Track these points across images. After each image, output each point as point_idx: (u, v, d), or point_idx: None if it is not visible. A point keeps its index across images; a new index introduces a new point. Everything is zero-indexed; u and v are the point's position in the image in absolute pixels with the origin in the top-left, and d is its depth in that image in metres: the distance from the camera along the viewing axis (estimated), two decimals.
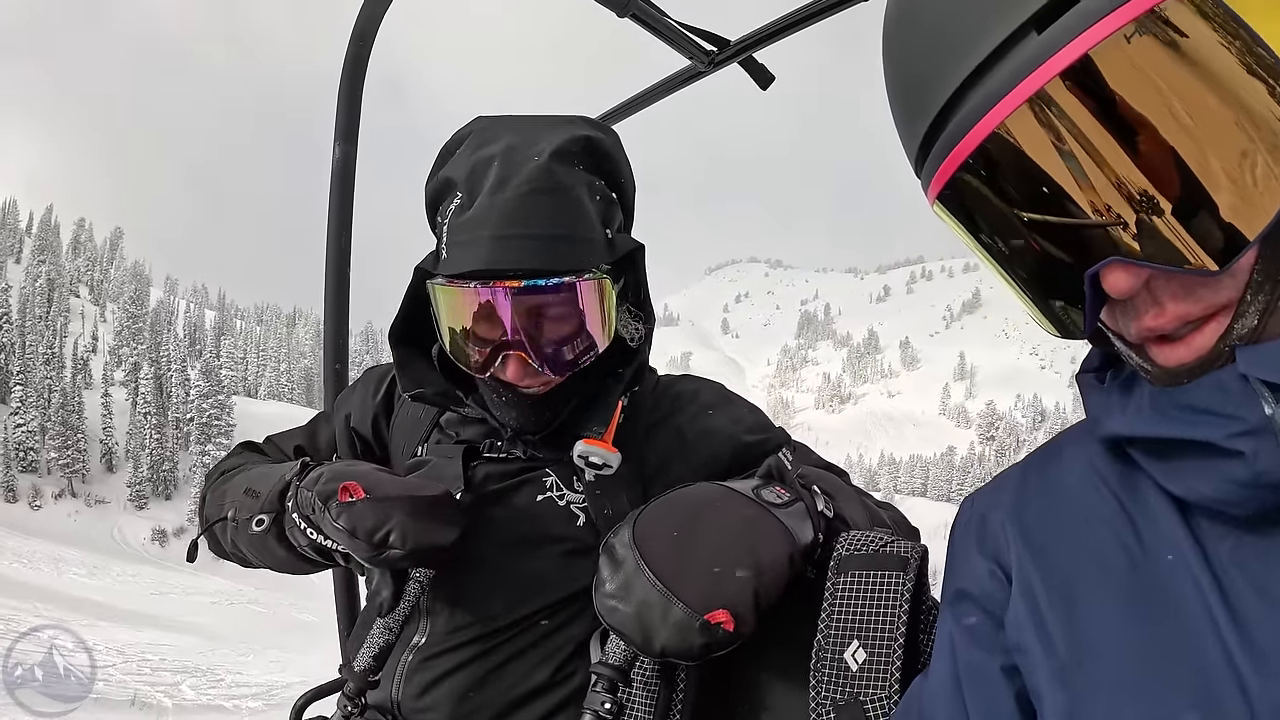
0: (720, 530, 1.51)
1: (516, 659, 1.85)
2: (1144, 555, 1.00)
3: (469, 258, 1.70)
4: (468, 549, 1.82)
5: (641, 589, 1.46)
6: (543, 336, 1.77)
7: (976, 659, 1.15)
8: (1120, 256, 0.87)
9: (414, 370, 1.96)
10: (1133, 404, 1.01)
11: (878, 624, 1.49)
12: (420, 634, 1.90)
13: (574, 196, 1.75)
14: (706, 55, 3.04)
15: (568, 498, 1.90)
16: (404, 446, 2.13)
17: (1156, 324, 0.92)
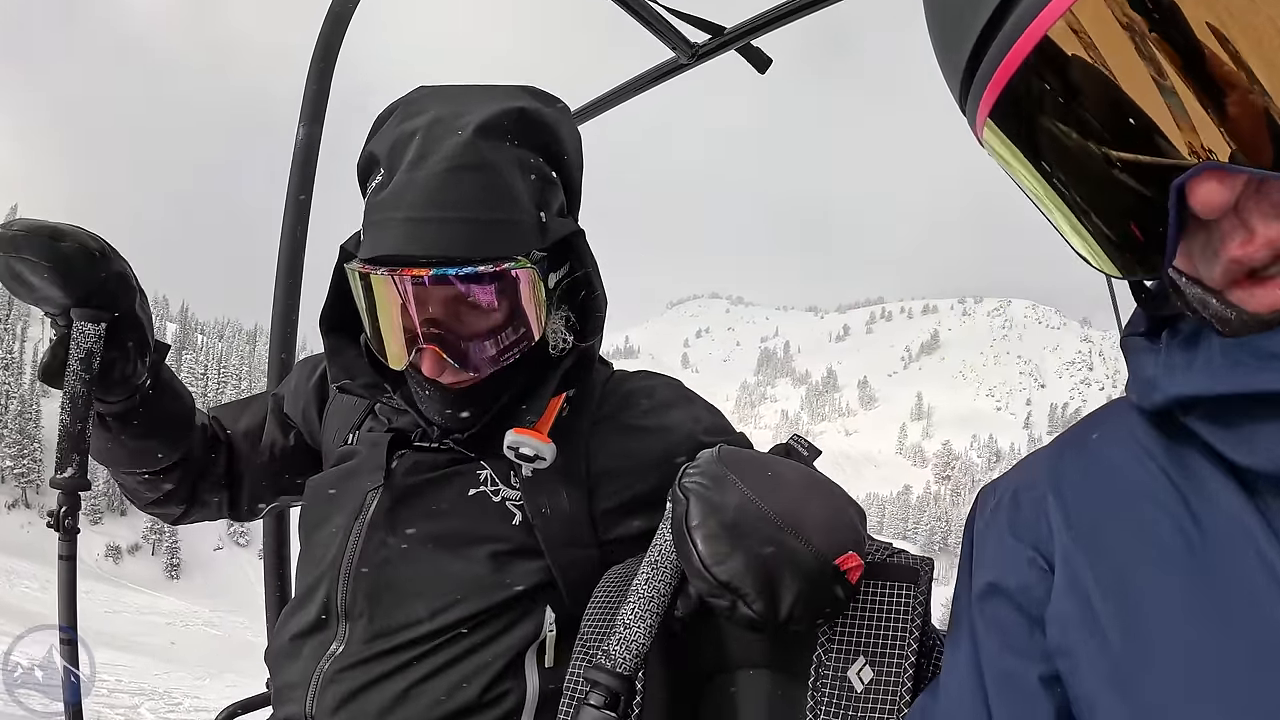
0: (808, 476, 1.36)
1: (442, 672, 1.66)
2: (1202, 539, 0.87)
3: (380, 241, 1.57)
4: (388, 545, 1.72)
5: (764, 528, 1.25)
6: (460, 330, 1.64)
7: (1010, 667, 1.01)
8: (1215, 163, 0.74)
9: (343, 359, 1.81)
10: (1199, 360, 0.88)
11: (887, 640, 1.34)
12: (339, 640, 1.72)
13: (500, 175, 1.59)
14: (690, 48, 2.93)
15: (502, 493, 1.74)
16: (336, 434, 2.02)
17: (1245, 252, 0.79)
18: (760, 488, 1.27)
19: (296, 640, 1.77)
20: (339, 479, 1.86)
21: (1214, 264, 0.82)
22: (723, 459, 1.33)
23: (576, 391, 1.82)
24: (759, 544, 1.23)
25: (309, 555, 1.83)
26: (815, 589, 1.24)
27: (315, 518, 1.85)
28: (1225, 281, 0.82)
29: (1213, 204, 0.76)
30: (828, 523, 1.27)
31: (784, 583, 1.23)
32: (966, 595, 1.11)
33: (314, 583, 1.77)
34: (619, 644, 1.37)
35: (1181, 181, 0.76)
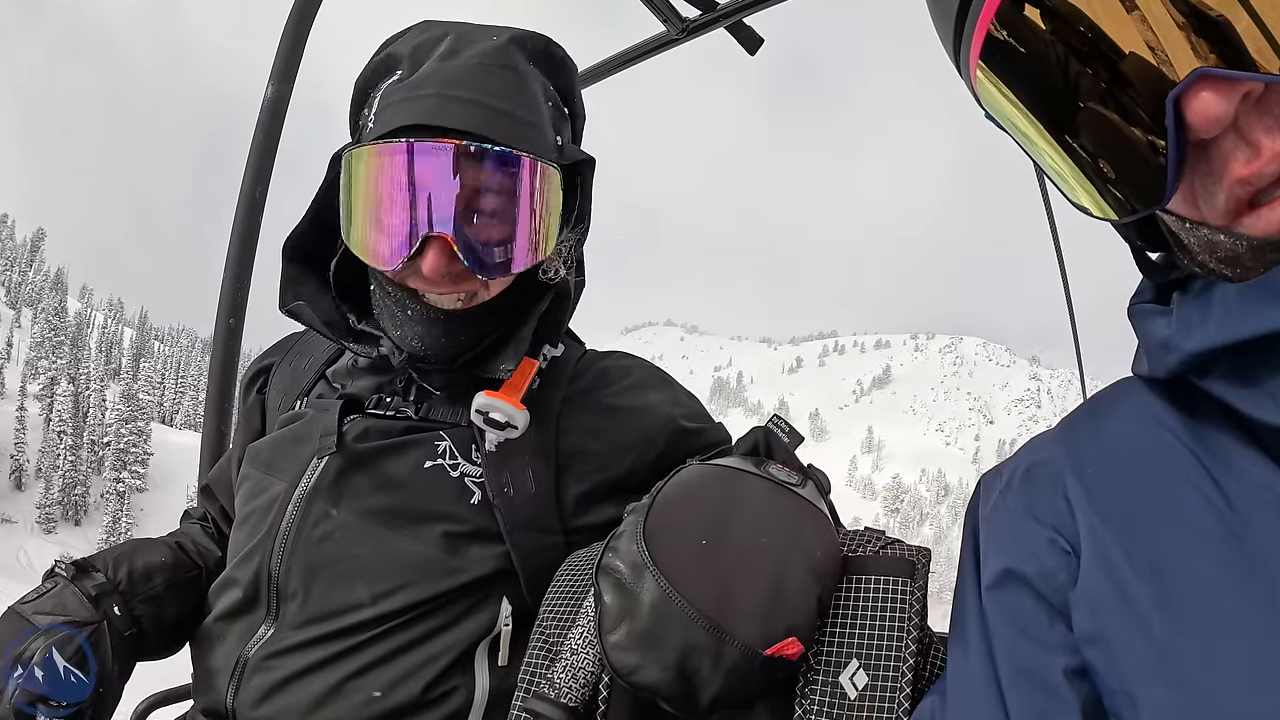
0: (760, 528, 1.22)
1: (381, 665, 1.50)
2: (1235, 514, 0.82)
3: (404, 113, 1.44)
4: (331, 518, 1.57)
5: (680, 631, 1.14)
6: (475, 222, 1.47)
7: (1030, 659, 0.93)
8: (1209, 68, 0.72)
9: (301, 290, 1.65)
10: (1215, 310, 0.83)
11: (882, 641, 1.22)
12: (268, 623, 1.57)
13: (529, 83, 1.53)
14: (681, 22, 2.83)
15: (462, 468, 1.59)
16: (281, 402, 1.86)
17: (1251, 169, 0.75)
18: (684, 574, 1.16)
19: (222, 621, 1.62)
20: (281, 444, 1.71)
21: (1218, 193, 0.79)
22: (648, 533, 1.20)
23: (549, 364, 1.70)
24: (673, 650, 1.14)
25: (243, 526, 1.67)
26: (741, 682, 1.14)
27: (252, 486, 1.69)
28: (1230, 212, 0.80)
29: (1211, 115, 0.73)
30: (761, 608, 1.15)
31: (703, 680, 1.14)
32: (974, 588, 1.03)
33: (245, 556, 1.61)
34: (566, 672, 1.28)
35: (1176, 93, 0.73)
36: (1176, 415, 0.91)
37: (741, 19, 2.79)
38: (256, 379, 1.95)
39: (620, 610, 1.18)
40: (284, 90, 2.88)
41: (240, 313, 2.85)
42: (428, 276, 1.47)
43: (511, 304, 1.61)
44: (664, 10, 2.81)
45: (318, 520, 1.56)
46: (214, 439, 2.76)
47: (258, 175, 2.87)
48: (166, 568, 1.75)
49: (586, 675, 1.27)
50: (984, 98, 0.93)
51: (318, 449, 1.61)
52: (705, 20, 2.81)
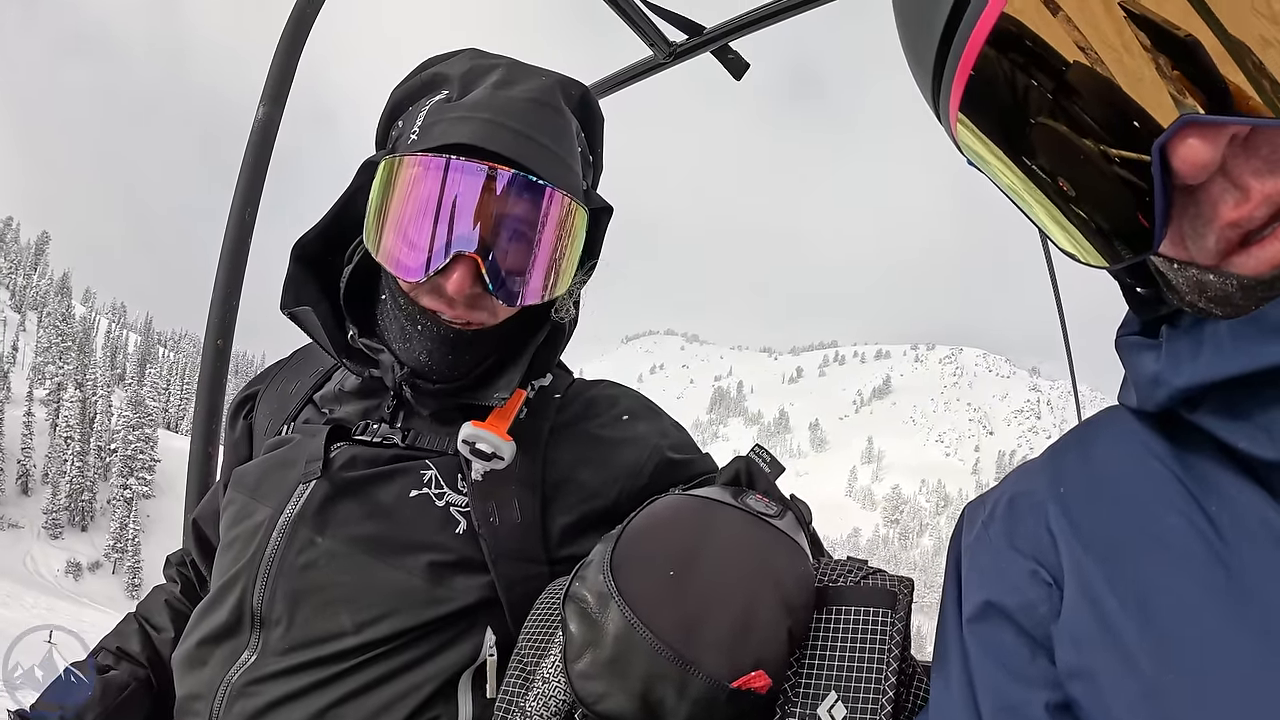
0: (730, 559, 1.21)
1: (364, 694, 1.50)
2: (1225, 545, 0.81)
3: (458, 131, 1.47)
4: (316, 545, 1.57)
5: (644, 661, 1.14)
6: (505, 248, 1.51)
7: (1011, 695, 0.91)
8: (1194, 114, 0.71)
9: (303, 293, 1.66)
10: (1206, 345, 0.82)
11: (862, 673, 1.20)
12: (251, 649, 1.56)
13: (570, 127, 1.59)
14: (668, 46, 2.88)
15: (447, 498, 1.60)
16: (267, 427, 1.87)
17: (1242, 213, 0.75)
18: (650, 604, 1.15)
19: (205, 645, 1.61)
20: (267, 469, 1.71)
21: (1207, 236, 0.78)
22: (614, 564, 1.20)
23: (537, 394, 1.72)
24: (637, 680, 1.13)
25: (228, 551, 1.66)
26: (706, 714, 1.13)
27: (237, 511, 1.70)
28: (1220, 253, 0.79)
29: (1199, 162, 0.72)
30: (728, 639, 1.14)
31: (669, 711, 1.13)
32: (956, 620, 1.02)
33: (229, 582, 1.61)
34: (537, 699, 1.29)
35: (1162, 141, 0.73)
36: (1165, 445, 0.90)
37: (728, 44, 2.87)
38: (243, 406, 1.97)
39: (585, 639, 1.17)
40: (274, 112, 2.91)
41: (229, 334, 2.84)
42: (451, 294, 1.49)
43: (511, 333, 1.63)
44: (651, 35, 2.86)
45: (302, 547, 1.56)
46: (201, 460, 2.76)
47: (247, 196, 2.88)
48: (94, 704, 1.71)
49: (558, 704, 1.26)
50: (965, 146, 0.93)
51: (303, 474, 1.61)
52: (692, 45, 2.87)
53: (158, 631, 1.89)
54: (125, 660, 1.82)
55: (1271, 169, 0.73)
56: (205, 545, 1.94)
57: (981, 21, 0.80)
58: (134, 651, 1.84)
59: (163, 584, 2.03)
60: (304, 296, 1.65)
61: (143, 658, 1.84)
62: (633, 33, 2.96)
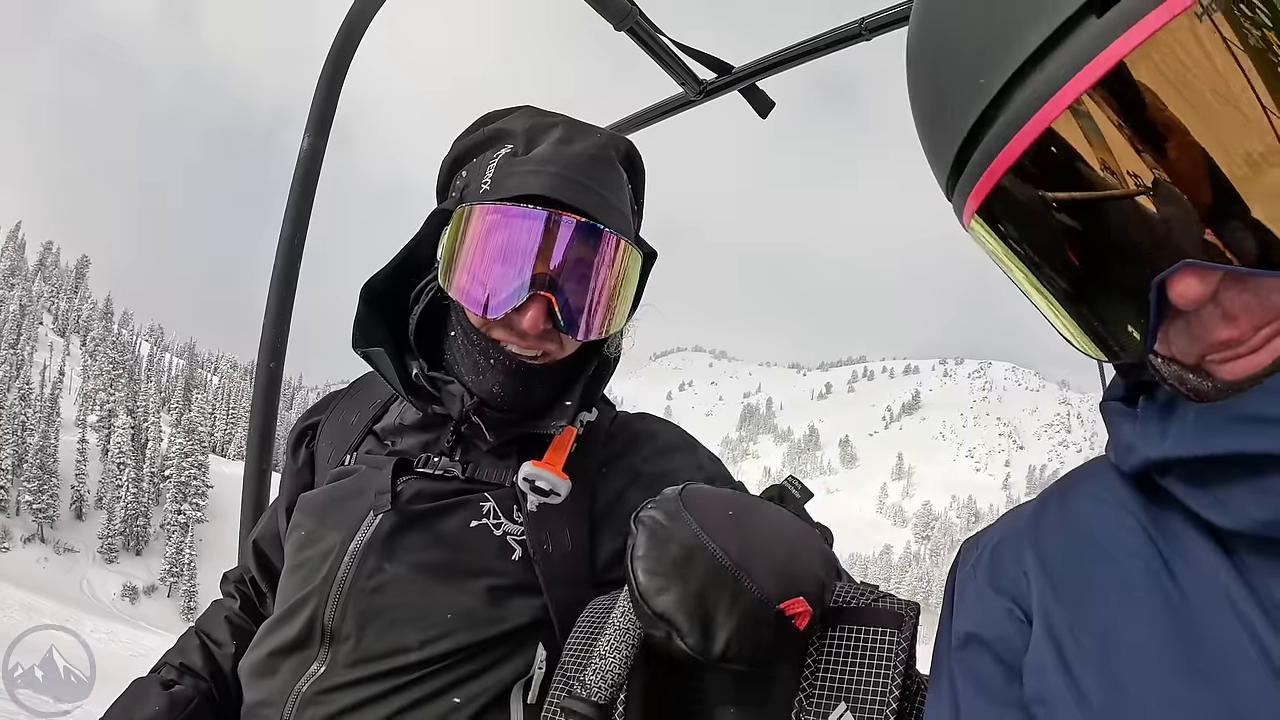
0: (778, 519, 1.33)
1: (425, 704, 1.63)
2: (1181, 595, 0.90)
3: (532, 183, 1.62)
4: (384, 570, 1.69)
5: (705, 568, 1.22)
6: (575, 288, 1.66)
7: (988, 716, 1.02)
8: (1193, 260, 0.79)
9: (373, 334, 1.81)
10: (1174, 425, 0.91)
11: (869, 687, 1.31)
12: (320, 661, 1.68)
13: (622, 180, 1.76)
14: (698, 84, 2.98)
15: (505, 528, 1.72)
16: (330, 456, 1.99)
17: (1231, 335, 0.83)
18: (714, 526, 1.25)
19: (275, 657, 1.73)
20: (335, 498, 1.83)
21: (1194, 346, 0.87)
22: (683, 496, 1.32)
23: (585, 430, 1.84)
24: (699, 580, 1.22)
25: (296, 572, 1.79)
26: (754, 629, 1.22)
27: (305, 536, 1.82)
28: (1201, 358, 0.88)
29: (1192, 296, 0.80)
30: (781, 568, 1.24)
31: (719, 620, 1.21)
32: (946, 645, 1.13)
33: (301, 600, 1.72)
34: (595, 673, 1.36)
35: (1162, 278, 0.81)
36: (1139, 501, 0.99)
37: (754, 83, 2.95)
38: (304, 436, 2.09)
39: (653, 543, 1.26)
40: (319, 142, 2.99)
41: (280, 356, 2.93)
42: (525, 329, 1.63)
43: (567, 368, 1.78)
44: (682, 74, 2.94)
45: (372, 572, 1.68)
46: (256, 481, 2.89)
47: (296, 223, 2.97)
48: (161, 718, 1.79)
49: (614, 677, 1.35)
50: (974, 236, 0.99)
51: (373, 505, 1.73)
52: (721, 84, 2.95)
53: (218, 646, 1.99)
54: (189, 675, 1.92)
55: (1258, 303, 0.82)
56: (266, 564, 2.08)
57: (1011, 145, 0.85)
58: (196, 666, 1.94)
59: (221, 600, 2.14)
60: (374, 336, 1.79)
61: (205, 672, 1.93)
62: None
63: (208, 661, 1.95)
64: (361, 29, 3.02)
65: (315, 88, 3.03)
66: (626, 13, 2.66)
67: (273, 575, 2.00)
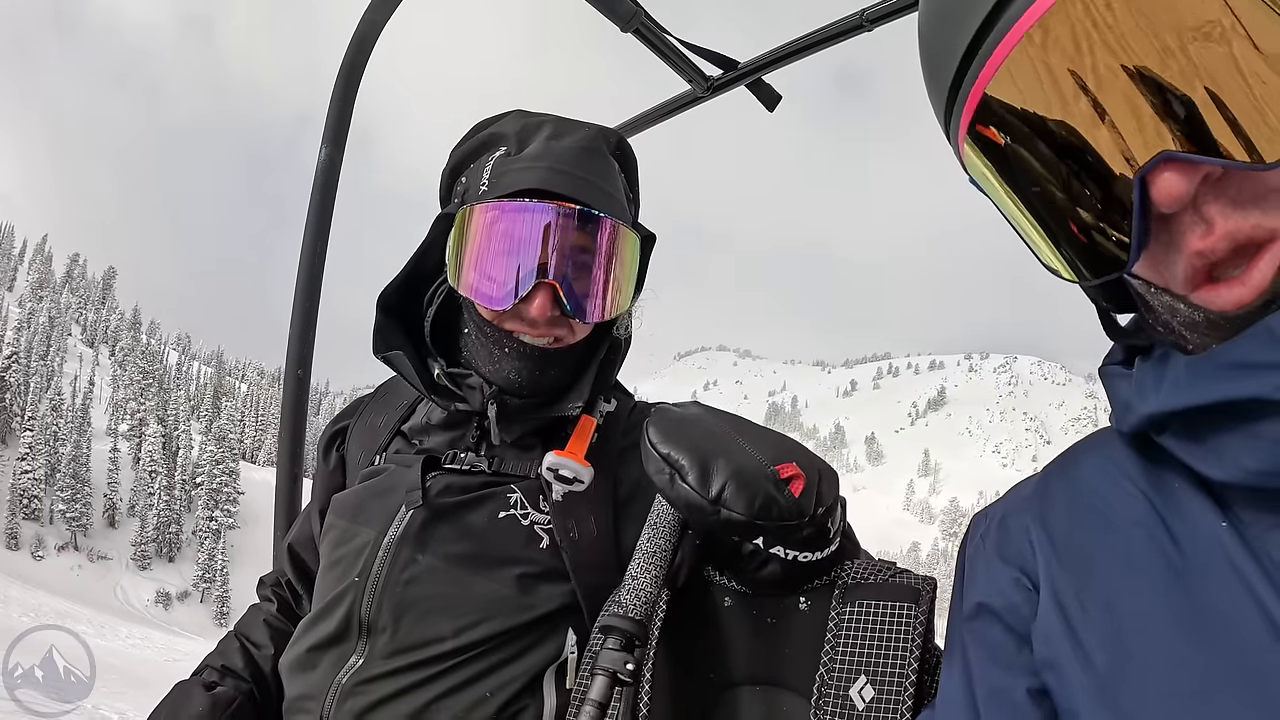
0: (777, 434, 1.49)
1: (461, 690, 1.68)
2: (1182, 557, 0.92)
3: (525, 179, 1.69)
4: (417, 563, 1.75)
5: (707, 426, 1.41)
6: (577, 274, 1.73)
7: (998, 681, 1.05)
8: (1172, 151, 0.80)
9: (391, 339, 1.87)
10: (1167, 378, 0.93)
11: (888, 659, 1.37)
12: (358, 654, 1.73)
13: (614, 170, 1.83)
14: (705, 80, 3.01)
15: (531, 517, 1.77)
16: (360, 458, 2.06)
17: (1205, 244, 0.84)
18: (720, 415, 1.47)
19: (314, 652, 1.79)
20: (367, 497, 1.89)
21: (1177, 262, 0.87)
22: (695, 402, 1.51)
23: (605, 418, 1.91)
24: (700, 435, 1.38)
25: (333, 569, 1.85)
26: (749, 480, 1.32)
27: (339, 534, 1.88)
28: (1189, 283, 0.88)
29: (1172, 193, 0.80)
30: (776, 446, 1.39)
31: (718, 467, 1.33)
32: (959, 616, 1.16)
33: (338, 595, 1.78)
34: (629, 593, 1.45)
35: (1143, 171, 0.81)
36: (1139, 465, 1.01)
37: (760, 77, 2.98)
38: (335, 440, 2.15)
39: (662, 415, 1.45)
40: (336, 154, 3.03)
41: (308, 364, 2.99)
42: (534, 317, 1.70)
43: (581, 352, 1.84)
44: (689, 71, 2.96)
45: (405, 565, 1.73)
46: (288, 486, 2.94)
47: (317, 234, 3.01)
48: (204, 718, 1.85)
49: (647, 595, 1.45)
50: (969, 166, 1.03)
51: (405, 501, 1.78)
52: (727, 79, 2.97)
53: (258, 648, 2.05)
54: (230, 676, 1.97)
55: (1236, 207, 0.82)
56: (301, 567, 2.13)
57: (996, 53, 0.89)
58: (237, 668, 1.99)
59: (259, 604, 2.20)
60: (393, 341, 1.85)
61: (246, 673, 1.99)
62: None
63: (248, 663, 2.01)
64: (373, 40, 3.10)
65: (330, 99, 3.12)
66: (632, 14, 2.68)
67: (308, 577, 2.06)
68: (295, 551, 2.14)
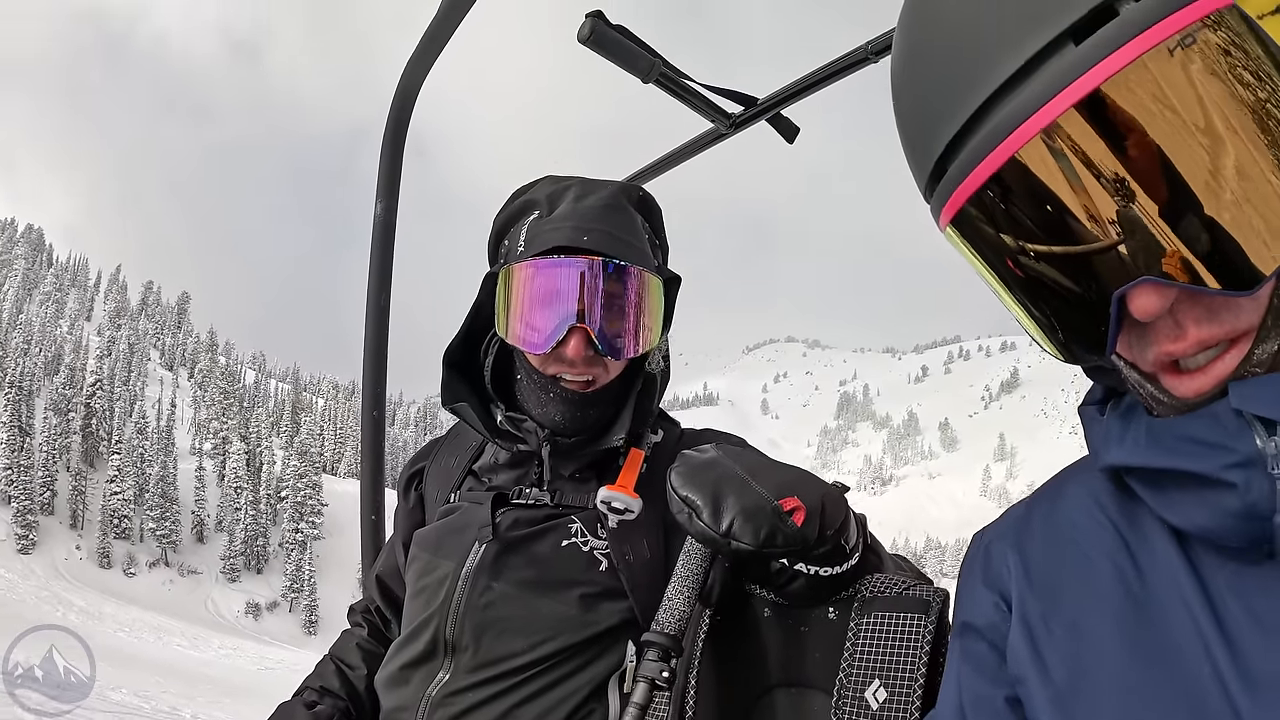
0: (787, 467, 1.62)
1: (536, 698, 1.88)
2: (1141, 584, 1.00)
3: (554, 238, 1.90)
4: (492, 589, 1.95)
5: (721, 470, 1.54)
6: (606, 317, 1.90)
7: (981, 691, 1.16)
8: (1153, 277, 0.85)
9: (457, 390, 2.09)
10: (1130, 434, 1.00)
11: (899, 664, 1.52)
12: (445, 670, 1.95)
13: (635, 221, 2.02)
14: (727, 118, 3.11)
15: (591, 544, 1.96)
16: (437, 496, 2.25)
17: (1175, 348, 0.90)
18: (733, 454, 1.59)
19: (406, 669, 2.00)
20: (445, 532, 2.09)
21: (1148, 352, 0.93)
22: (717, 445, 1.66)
23: (653, 449, 2.09)
24: (714, 478, 1.52)
25: (419, 597, 2.05)
26: (753, 515, 1.47)
27: (423, 566, 2.08)
28: (1156, 368, 0.94)
29: (1149, 310, 0.86)
30: (783, 482, 1.52)
31: (727, 505, 1.48)
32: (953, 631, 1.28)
33: (425, 620, 1.99)
34: (665, 613, 1.66)
35: (1122, 292, 0.86)
36: (1114, 497, 1.09)
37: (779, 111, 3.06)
38: (413, 480, 2.37)
39: (684, 460, 1.60)
40: (390, 204, 3.19)
41: (381, 405, 3.17)
42: (572, 358, 1.90)
43: (617, 389, 2.04)
44: (711, 112, 3.08)
45: (482, 591, 1.93)
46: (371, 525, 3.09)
47: (380, 283, 3.19)
48: None
49: (680, 613, 1.65)
50: (950, 240, 1.04)
51: (477, 536, 1.99)
52: (748, 115, 3.07)
53: (352, 669, 2.25)
54: (328, 696, 2.17)
55: (1208, 318, 0.88)
56: (388, 594, 2.33)
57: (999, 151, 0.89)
58: (334, 688, 2.19)
59: (350, 629, 2.41)
60: (458, 393, 2.08)
61: (341, 693, 2.18)
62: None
63: (344, 683, 2.22)
64: (414, 96, 3.21)
65: (379, 155, 3.25)
66: (651, 66, 2.78)
67: (395, 603, 2.28)
68: (383, 581, 2.36)
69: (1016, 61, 0.87)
